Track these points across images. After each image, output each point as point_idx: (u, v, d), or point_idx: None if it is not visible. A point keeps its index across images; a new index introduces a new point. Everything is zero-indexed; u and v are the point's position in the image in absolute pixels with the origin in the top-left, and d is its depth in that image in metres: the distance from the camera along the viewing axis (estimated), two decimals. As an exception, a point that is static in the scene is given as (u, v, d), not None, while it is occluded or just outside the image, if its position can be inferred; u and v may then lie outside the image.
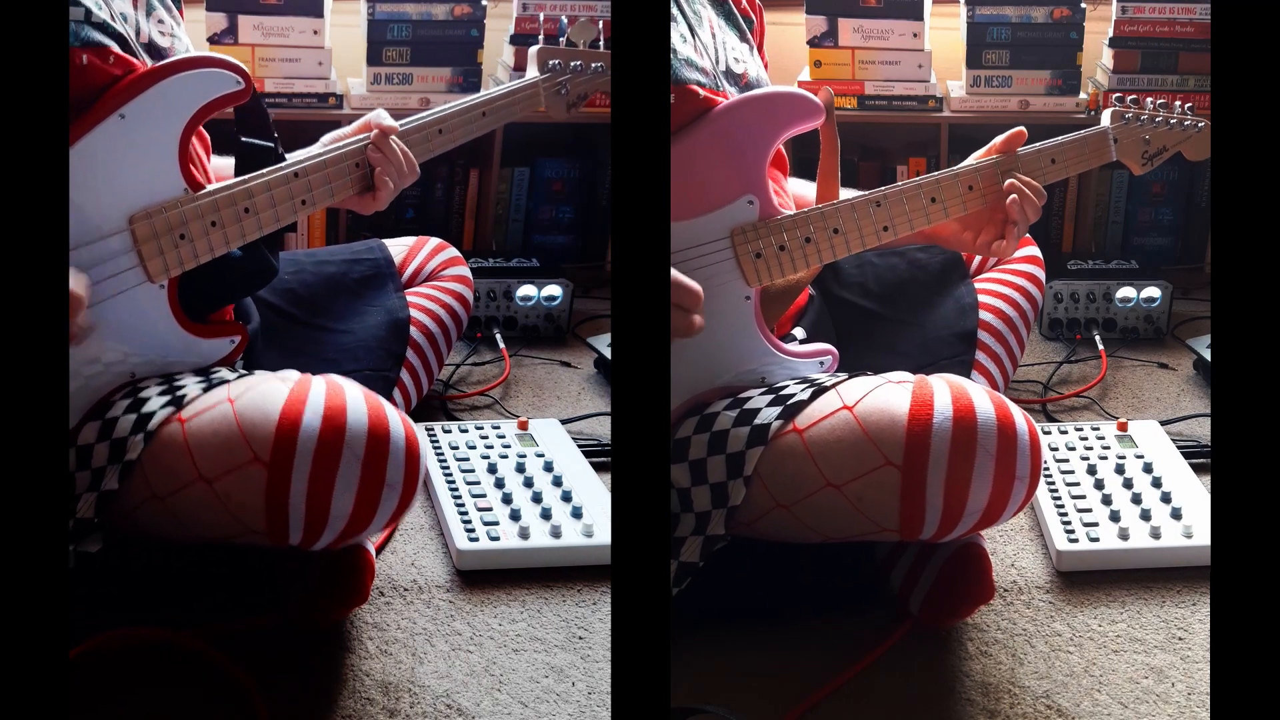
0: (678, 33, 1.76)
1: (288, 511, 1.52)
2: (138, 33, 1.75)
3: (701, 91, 1.74)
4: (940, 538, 1.60)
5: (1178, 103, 1.97)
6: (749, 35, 1.92)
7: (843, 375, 1.70)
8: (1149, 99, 1.96)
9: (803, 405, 1.64)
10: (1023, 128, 1.84)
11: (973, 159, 1.84)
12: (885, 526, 1.60)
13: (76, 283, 1.59)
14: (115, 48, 1.69)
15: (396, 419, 1.57)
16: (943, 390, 1.58)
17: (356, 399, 1.56)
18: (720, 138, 1.73)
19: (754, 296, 1.74)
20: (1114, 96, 1.96)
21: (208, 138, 1.85)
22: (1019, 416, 1.58)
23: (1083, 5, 2.98)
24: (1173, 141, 1.95)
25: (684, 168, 1.72)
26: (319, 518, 1.53)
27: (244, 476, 1.53)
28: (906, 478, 1.56)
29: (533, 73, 2.08)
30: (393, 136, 1.85)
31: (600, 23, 2.13)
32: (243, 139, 1.80)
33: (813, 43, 2.97)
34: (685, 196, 1.71)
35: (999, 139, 1.84)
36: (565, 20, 2.15)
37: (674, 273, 1.58)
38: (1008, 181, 1.80)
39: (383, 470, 1.54)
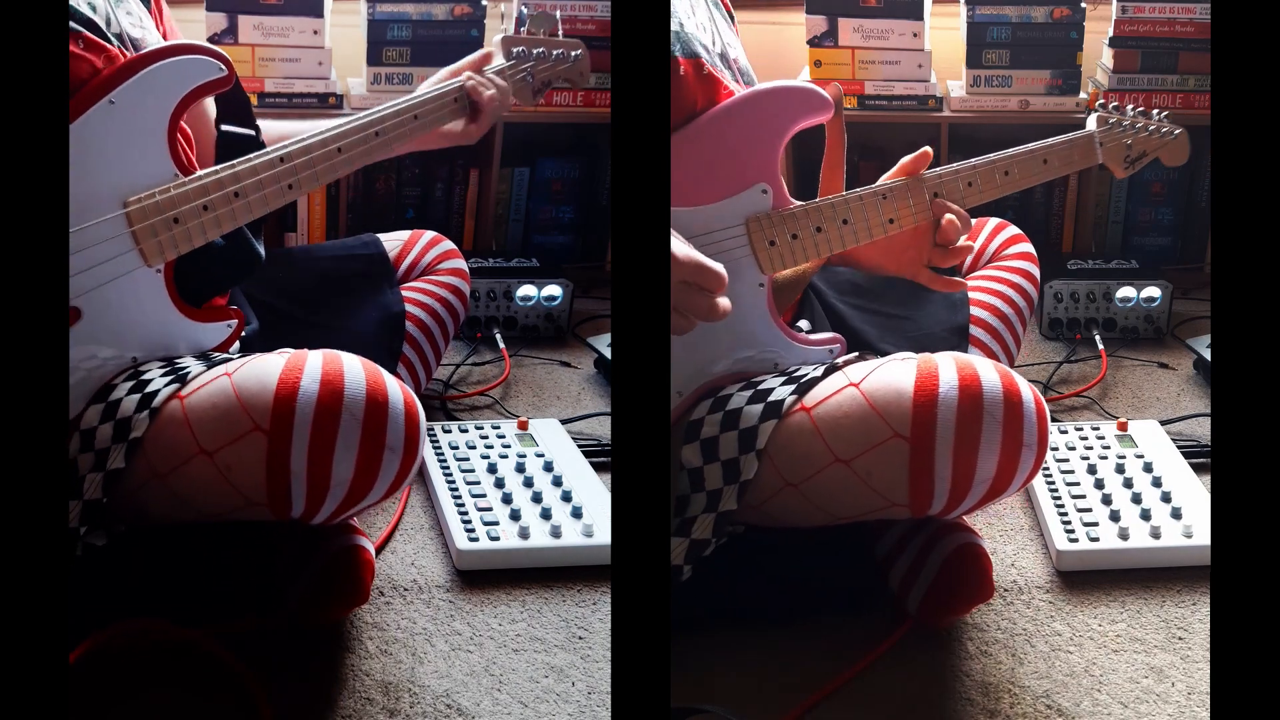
0: (683, 9, 1.78)
1: (289, 479, 1.53)
2: (109, 22, 1.75)
3: (706, 68, 1.76)
4: (950, 511, 1.61)
5: (1155, 110, 2.00)
6: (732, 25, 1.95)
7: (851, 355, 1.72)
8: (1129, 105, 1.99)
9: (815, 383, 1.65)
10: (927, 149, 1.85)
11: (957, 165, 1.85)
12: (895, 501, 1.60)
13: None
14: (85, 32, 1.69)
15: (394, 384, 1.58)
16: (948, 363, 1.59)
17: (354, 365, 1.56)
18: (736, 126, 1.75)
19: (767, 284, 1.76)
20: (1098, 101, 1.98)
21: (189, 130, 1.86)
22: (1024, 386, 1.59)
23: (1083, 5, 2.98)
24: (1151, 147, 1.99)
25: (700, 153, 1.74)
26: (320, 484, 1.53)
27: (244, 446, 1.53)
28: (915, 449, 1.56)
29: (499, 61, 2.11)
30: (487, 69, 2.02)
31: (557, 11, 2.17)
32: (223, 127, 1.81)
33: (813, 42, 2.97)
34: (701, 182, 1.73)
35: (907, 159, 1.84)
36: (524, 10, 2.19)
37: (698, 255, 1.58)
38: (939, 200, 1.81)
39: (383, 433, 1.55)
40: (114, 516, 1.62)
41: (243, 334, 1.82)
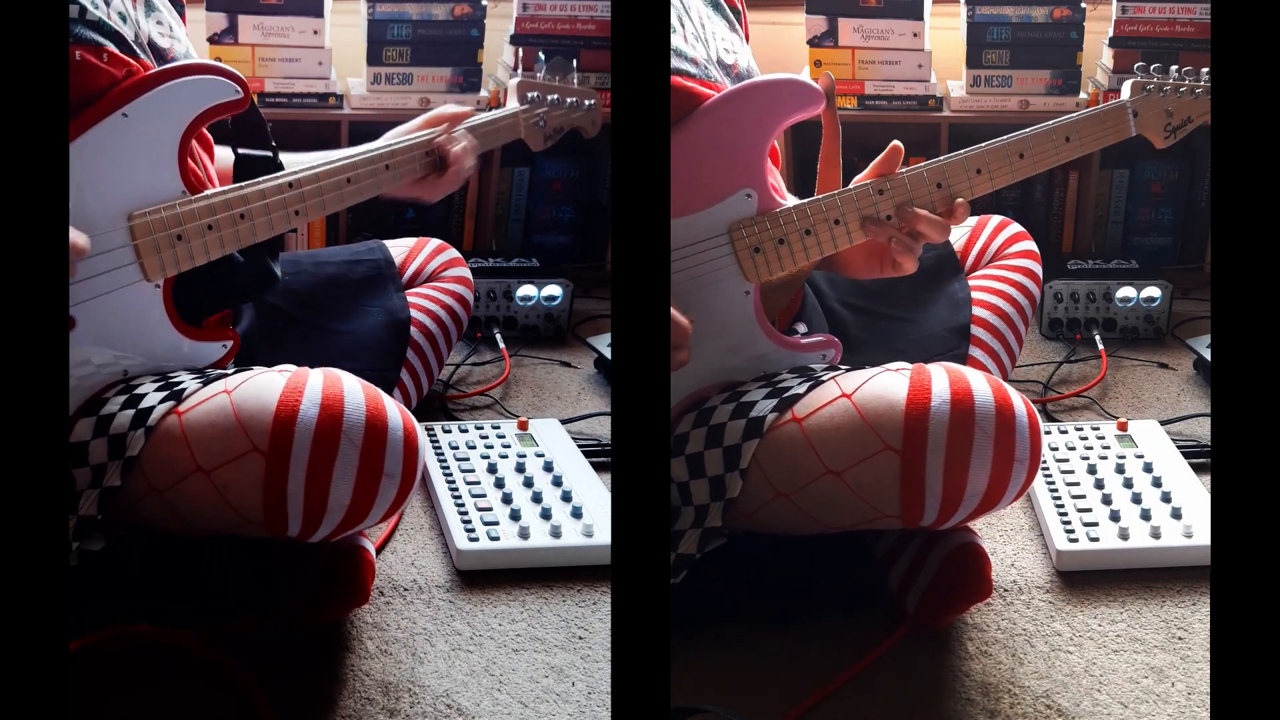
0: (671, 22, 1.76)
1: (286, 501, 1.53)
2: (137, 33, 1.75)
3: (689, 82, 1.73)
4: (941, 523, 1.60)
5: (1204, 70, 1.85)
6: (738, 26, 1.92)
7: (843, 368, 1.71)
8: (1173, 67, 1.87)
9: (798, 398, 1.65)
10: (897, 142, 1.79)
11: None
12: (885, 512, 1.60)
13: (76, 236, 1.59)
14: (110, 46, 1.69)
15: (394, 409, 1.57)
16: (940, 375, 1.58)
17: (354, 389, 1.56)
18: (718, 129, 1.72)
19: (754, 291, 1.74)
20: (1135, 65, 1.86)
21: (211, 141, 1.86)
22: (1017, 400, 1.59)
23: (1083, 5, 2.98)
24: (1199, 111, 1.86)
25: (681, 162, 1.71)
26: (317, 507, 1.53)
27: (242, 466, 1.53)
28: (906, 462, 1.56)
29: (513, 104, 2.13)
30: (461, 126, 2.00)
31: (574, 60, 2.22)
32: (240, 150, 1.81)
33: (813, 43, 2.97)
34: (683, 192, 1.71)
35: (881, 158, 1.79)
36: (543, 56, 2.22)
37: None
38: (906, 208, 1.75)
39: (381, 460, 1.54)
40: (110, 525, 1.62)
41: (239, 329, 1.82)
